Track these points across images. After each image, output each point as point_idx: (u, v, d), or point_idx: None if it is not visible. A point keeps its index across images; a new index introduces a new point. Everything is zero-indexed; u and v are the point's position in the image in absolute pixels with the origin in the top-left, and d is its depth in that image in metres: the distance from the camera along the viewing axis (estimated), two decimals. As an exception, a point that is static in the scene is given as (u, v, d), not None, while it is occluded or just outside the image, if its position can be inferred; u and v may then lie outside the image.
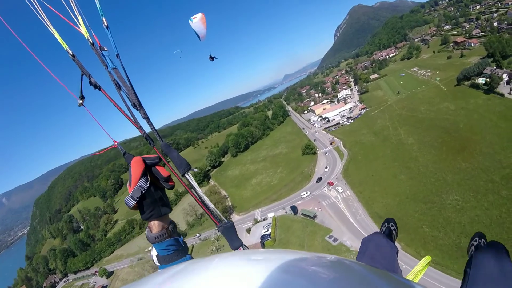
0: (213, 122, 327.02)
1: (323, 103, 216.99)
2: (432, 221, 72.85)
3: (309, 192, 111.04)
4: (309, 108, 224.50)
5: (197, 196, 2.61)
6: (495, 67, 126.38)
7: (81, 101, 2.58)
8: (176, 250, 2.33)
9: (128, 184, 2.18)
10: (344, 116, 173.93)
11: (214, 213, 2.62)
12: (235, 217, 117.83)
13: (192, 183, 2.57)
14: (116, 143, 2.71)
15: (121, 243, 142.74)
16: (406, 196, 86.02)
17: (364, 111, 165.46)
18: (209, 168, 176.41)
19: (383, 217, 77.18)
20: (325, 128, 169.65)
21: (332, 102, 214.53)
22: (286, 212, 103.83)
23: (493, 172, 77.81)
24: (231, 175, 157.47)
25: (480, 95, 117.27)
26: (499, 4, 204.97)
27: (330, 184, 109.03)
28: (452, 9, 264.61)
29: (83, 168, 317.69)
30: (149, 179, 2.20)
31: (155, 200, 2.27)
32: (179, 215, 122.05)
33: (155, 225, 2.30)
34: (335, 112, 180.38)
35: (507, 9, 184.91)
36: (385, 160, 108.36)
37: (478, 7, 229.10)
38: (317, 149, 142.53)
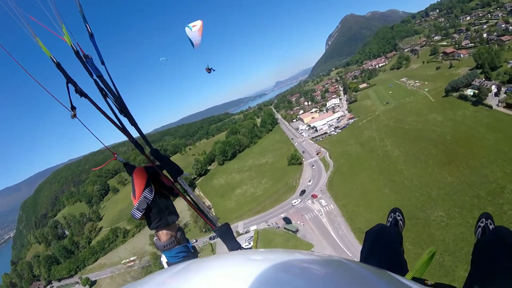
0: (203, 128, 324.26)
1: (312, 112, 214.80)
2: (416, 237, 69.69)
3: (299, 200, 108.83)
4: (298, 117, 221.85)
5: (191, 200, 2.59)
6: (483, 79, 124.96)
7: (73, 112, 2.53)
8: (185, 256, 2.34)
9: (132, 196, 2.15)
10: (332, 125, 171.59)
11: (209, 217, 2.64)
12: None
13: (185, 187, 2.57)
14: (115, 156, 2.72)
15: (104, 251, 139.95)
16: (389, 210, 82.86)
17: (352, 121, 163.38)
18: (195, 176, 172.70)
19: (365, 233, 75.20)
20: (313, 138, 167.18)
21: (321, 110, 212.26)
22: (269, 225, 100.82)
23: (479, 187, 75.38)
24: (217, 184, 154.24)
25: (468, 107, 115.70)
26: (489, 16, 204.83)
27: (314, 196, 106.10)
28: (443, 20, 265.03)
29: (70, 172, 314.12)
30: (153, 189, 2.18)
31: (161, 210, 2.27)
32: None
33: (163, 234, 2.32)
34: (323, 122, 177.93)
35: (496, 20, 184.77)
36: (370, 173, 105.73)
37: (468, 18, 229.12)
38: (303, 160, 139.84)
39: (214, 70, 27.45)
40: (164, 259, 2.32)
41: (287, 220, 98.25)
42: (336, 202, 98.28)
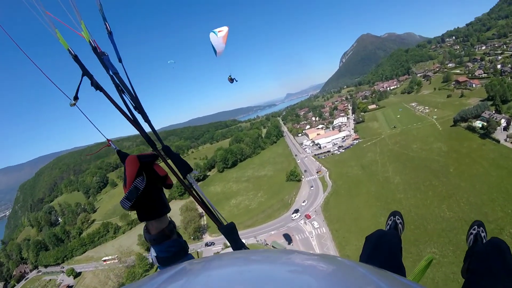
0: (208, 132, 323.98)
1: (318, 128, 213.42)
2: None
3: (299, 214, 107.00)
4: (303, 131, 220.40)
5: (198, 198, 2.59)
6: (493, 111, 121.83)
7: (74, 101, 2.55)
8: (176, 251, 2.26)
9: (123, 185, 2.05)
10: (336, 144, 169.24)
11: (216, 215, 2.61)
12: (207, 238, 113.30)
13: (194, 185, 2.57)
14: (109, 142, 2.66)
15: (93, 244, 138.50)
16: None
17: (357, 141, 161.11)
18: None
19: None
20: (315, 155, 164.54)
21: (327, 128, 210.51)
22: (258, 241, 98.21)
23: None
24: (213, 192, 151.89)
25: (475, 139, 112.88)
26: (505, 47, 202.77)
27: (307, 217, 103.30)
28: (458, 47, 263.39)
29: (72, 160, 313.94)
30: (145, 178, 2.07)
31: (152, 201, 2.17)
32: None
33: (153, 227, 2.21)
34: (328, 139, 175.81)
35: None
36: (368, 198, 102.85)
37: (483, 48, 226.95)
38: (302, 177, 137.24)
39: (236, 81, 26.85)
40: (153, 253, 2.25)
41: (287, 238, 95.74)
42: (329, 226, 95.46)
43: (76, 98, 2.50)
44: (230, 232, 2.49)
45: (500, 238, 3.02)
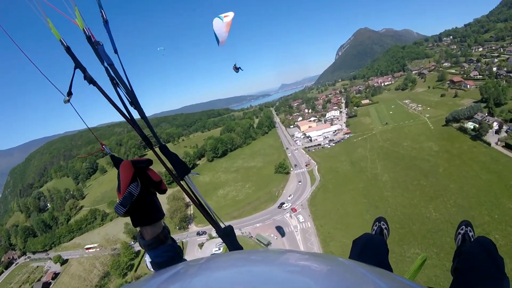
0: (201, 120, 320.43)
1: (310, 120, 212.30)
2: (387, 273, 65.95)
3: (290, 204, 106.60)
4: (295, 123, 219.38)
5: (196, 200, 2.53)
6: (486, 114, 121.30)
7: (68, 98, 2.47)
8: (171, 256, 2.23)
9: (117, 190, 2.01)
10: (327, 137, 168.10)
11: (214, 219, 2.56)
12: (193, 228, 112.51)
13: (192, 187, 2.50)
14: (103, 146, 2.64)
15: (81, 231, 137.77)
16: (366, 240, 79.11)
17: (348, 136, 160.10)
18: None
19: None
20: (306, 148, 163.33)
21: (319, 121, 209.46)
22: (243, 233, 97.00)
23: None
24: (201, 182, 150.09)
25: (466, 140, 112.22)
26: (502, 50, 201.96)
27: (293, 210, 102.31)
28: (455, 47, 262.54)
29: (62, 145, 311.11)
30: (139, 184, 2.03)
31: (147, 207, 2.15)
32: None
33: (147, 232, 2.19)
34: (319, 132, 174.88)
35: (508, 56, 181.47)
36: (355, 194, 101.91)
37: (480, 49, 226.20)
38: (291, 169, 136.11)
39: (242, 70, 26.63)
40: (148, 259, 2.22)
41: (280, 230, 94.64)
42: (314, 221, 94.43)
43: (70, 93, 2.42)
44: (228, 236, 2.46)
45: (487, 237, 3.07)
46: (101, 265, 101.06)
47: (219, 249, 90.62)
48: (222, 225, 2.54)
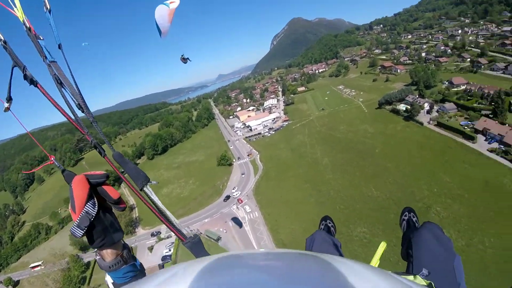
0: (138, 116, 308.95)
1: (249, 110, 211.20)
2: (337, 254, 65.60)
3: (240, 192, 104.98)
4: (234, 114, 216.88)
5: (158, 211, 2.27)
6: (417, 96, 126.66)
7: (7, 104, 2.18)
8: (134, 276, 2.10)
9: (71, 209, 1.79)
10: (266, 126, 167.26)
11: (178, 229, 2.32)
12: (140, 231, 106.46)
13: (152, 197, 2.23)
14: (52, 159, 2.36)
15: (27, 249, 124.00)
16: (313, 223, 78.05)
17: (287, 123, 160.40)
18: (122, 170, 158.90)
19: (287, 245, 67.53)
20: (246, 137, 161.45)
21: (258, 110, 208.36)
22: (191, 230, 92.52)
23: (405, 204, 72.07)
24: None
25: (400, 121, 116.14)
26: (430, 37, 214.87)
27: (239, 201, 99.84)
28: (385, 35, 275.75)
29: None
30: (96, 202, 1.84)
31: (106, 227, 1.93)
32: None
33: (108, 254, 1.99)
34: (258, 122, 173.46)
35: (436, 42, 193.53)
36: (298, 180, 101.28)
37: (409, 36, 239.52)
38: (234, 161, 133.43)
39: (190, 61, 24.26)
40: (109, 280, 2.06)
41: (236, 221, 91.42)
42: (261, 210, 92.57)
43: (9, 99, 2.14)
44: (196, 246, 2.26)
45: (432, 222, 3.31)
46: (53, 282, 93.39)
47: (170, 250, 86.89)
48: (185, 231, 2.34)
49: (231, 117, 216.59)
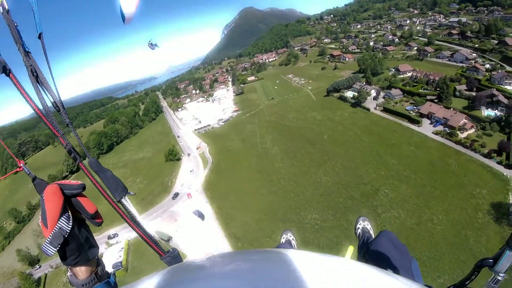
0: (82, 114, 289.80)
1: (198, 101, 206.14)
2: (290, 242, 63.80)
3: (189, 187, 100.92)
4: (183, 106, 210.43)
5: (136, 225, 2.17)
6: (364, 83, 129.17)
7: None
8: None
9: (42, 223, 1.55)
10: (216, 117, 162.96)
11: (157, 243, 2.23)
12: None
13: (130, 209, 2.16)
14: (21, 165, 2.10)
15: None
16: (265, 213, 76.36)
17: (236, 113, 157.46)
18: (67, 174, 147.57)
19: (240, 239, 63.99)
20: (195, 130, 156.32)
21: (207, 101, 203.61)
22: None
23: (354, 188, 74.34)
24: (89, 184, 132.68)
25: (347, 108, 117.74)
26: (379, 27, 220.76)
27: (188, 196, 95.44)
28: (335, 25, 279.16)
29: None
30: (71, 216, 1.61)
31: (80, 244, 1.70)
32: (29, 237, 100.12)
33: (81, 271, 1.76)
34: (208, 113, 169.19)
35: (385, 32, 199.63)
36: (249, 171, 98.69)
37: (359, 26, 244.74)
38: (182, 155, 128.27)
39: (158, 47, 23.97)
40: None
41: (198, 213, 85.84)
42: (211, 204, 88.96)
43: None
44: (174, 261, 2.19)
45: (388, 230, 3.65)
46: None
47: (120, 256, 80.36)
48: (166, 250, 2.25)
49: (180, 109, 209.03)
